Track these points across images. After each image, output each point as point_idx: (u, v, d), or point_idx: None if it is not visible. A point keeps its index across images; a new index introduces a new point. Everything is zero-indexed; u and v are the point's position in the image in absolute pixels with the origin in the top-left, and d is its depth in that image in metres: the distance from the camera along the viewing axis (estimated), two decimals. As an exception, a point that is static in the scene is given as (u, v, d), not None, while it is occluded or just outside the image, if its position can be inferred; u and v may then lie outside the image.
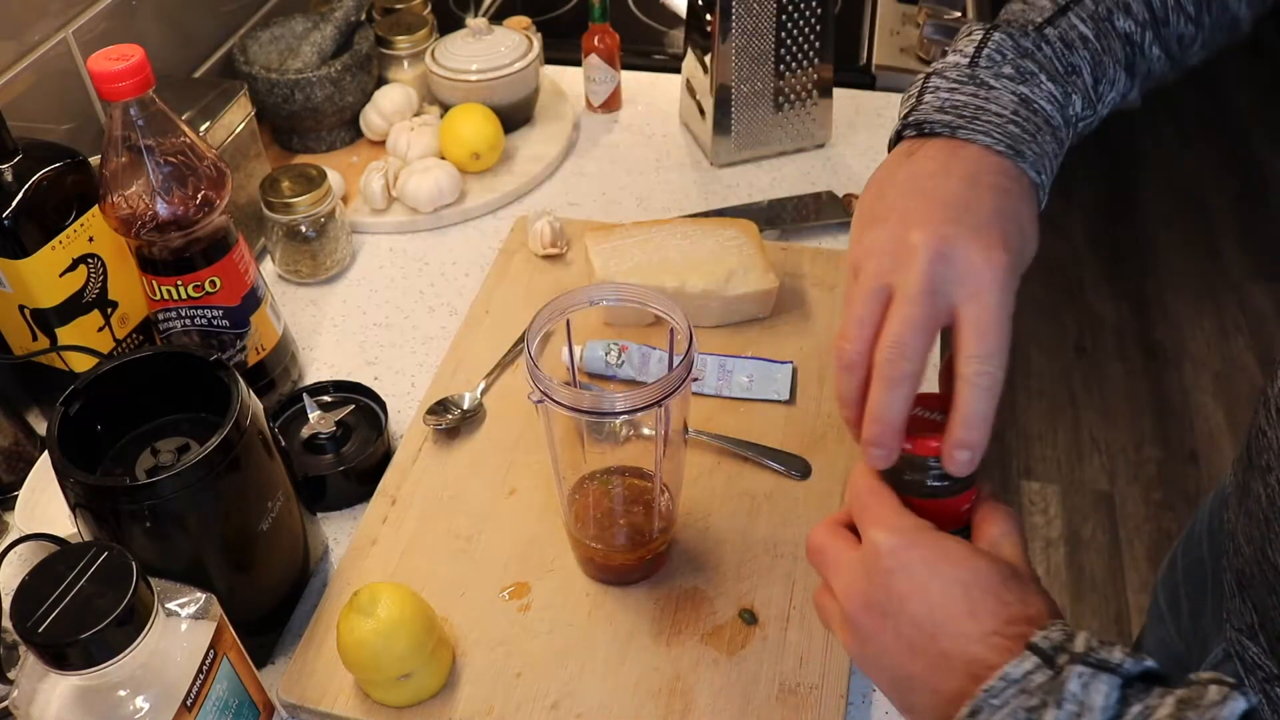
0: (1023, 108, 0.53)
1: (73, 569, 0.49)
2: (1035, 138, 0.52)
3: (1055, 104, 0.54)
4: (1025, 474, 2.07)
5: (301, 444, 0.78)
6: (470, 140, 1.05)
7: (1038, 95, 0.53)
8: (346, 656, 0.61)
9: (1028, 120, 0.52)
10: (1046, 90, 0.54)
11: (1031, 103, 0.53)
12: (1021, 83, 0.53)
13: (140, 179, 0.69)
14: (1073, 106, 0.55)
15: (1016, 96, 0.53)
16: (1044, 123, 0.53)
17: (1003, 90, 0.53)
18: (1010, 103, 0.53)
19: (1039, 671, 0.40)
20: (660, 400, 0.56)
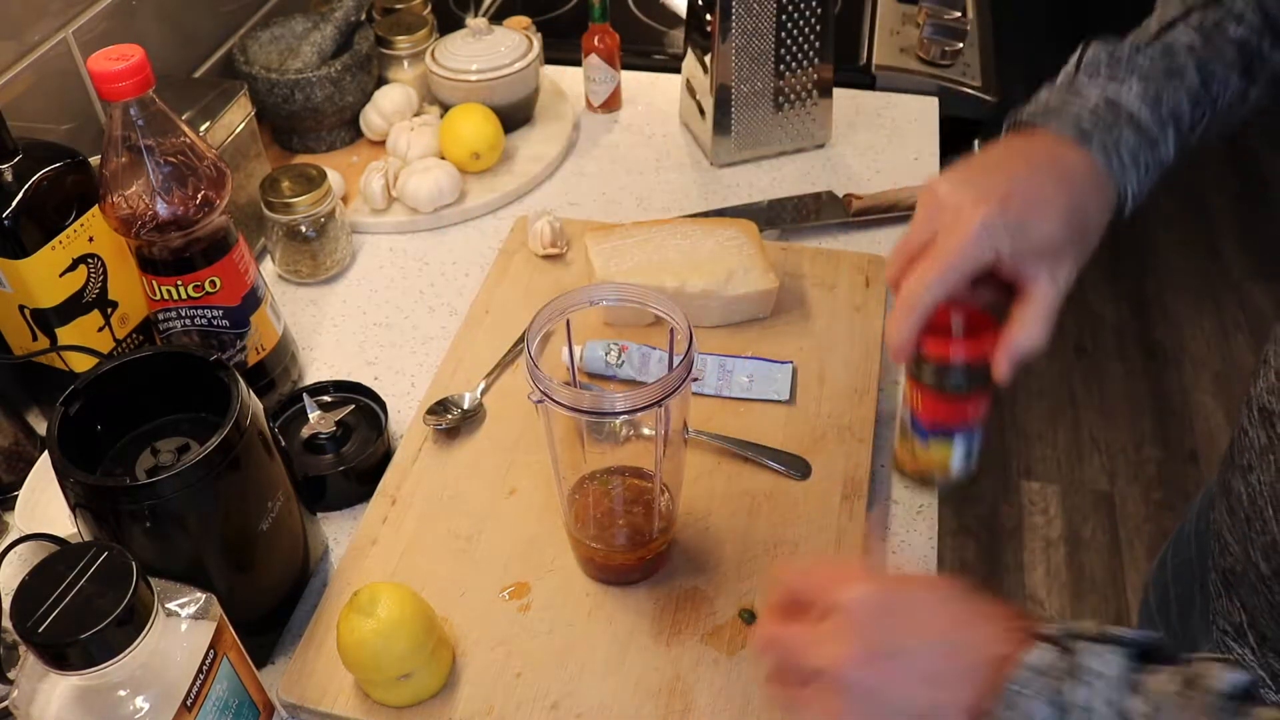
0: (1104, 105, 0.59)
1: (73, 569, 0.49)
2: (1110, 129, 0.58)
3: (1145, 102, 0.59)
4: (1025, 474, 2.07)
5: (301, 444, 0.78)
6: (470, 140, 1.05)
7: (1125, 95, 0.59)
8: (346, 656, 0.61)
9: (1106, 114, 0.58)
10: (1136, 90, 0.59)
11: (1115, 102, 0.59)
12: (1110, 83, 0.60)
13: (140, 179, 0.69)
14: (1169, 104, 0.59)
15: (1102, 97, 0.59)
16: (1127, 118, 0.58)
17: (1091, 92, 0.59)
18: (1093, 100, 0.59)
19: (1056, 656, 0.42)
20: (660, 400, 0.56)
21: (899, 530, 0.74)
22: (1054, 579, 1.88)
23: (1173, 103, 0.60)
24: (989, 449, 2.12)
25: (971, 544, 1.95)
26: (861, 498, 0.74)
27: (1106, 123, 0.58)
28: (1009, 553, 1.93)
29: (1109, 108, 0.59)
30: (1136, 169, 0.58)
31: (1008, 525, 1.98)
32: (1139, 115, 0.59)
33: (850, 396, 0.81)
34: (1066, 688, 0.41)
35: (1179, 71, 0.60)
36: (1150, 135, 0.59)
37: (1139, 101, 0.59)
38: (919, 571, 0.49)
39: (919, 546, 0.73)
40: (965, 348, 0.57)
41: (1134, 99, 0.59)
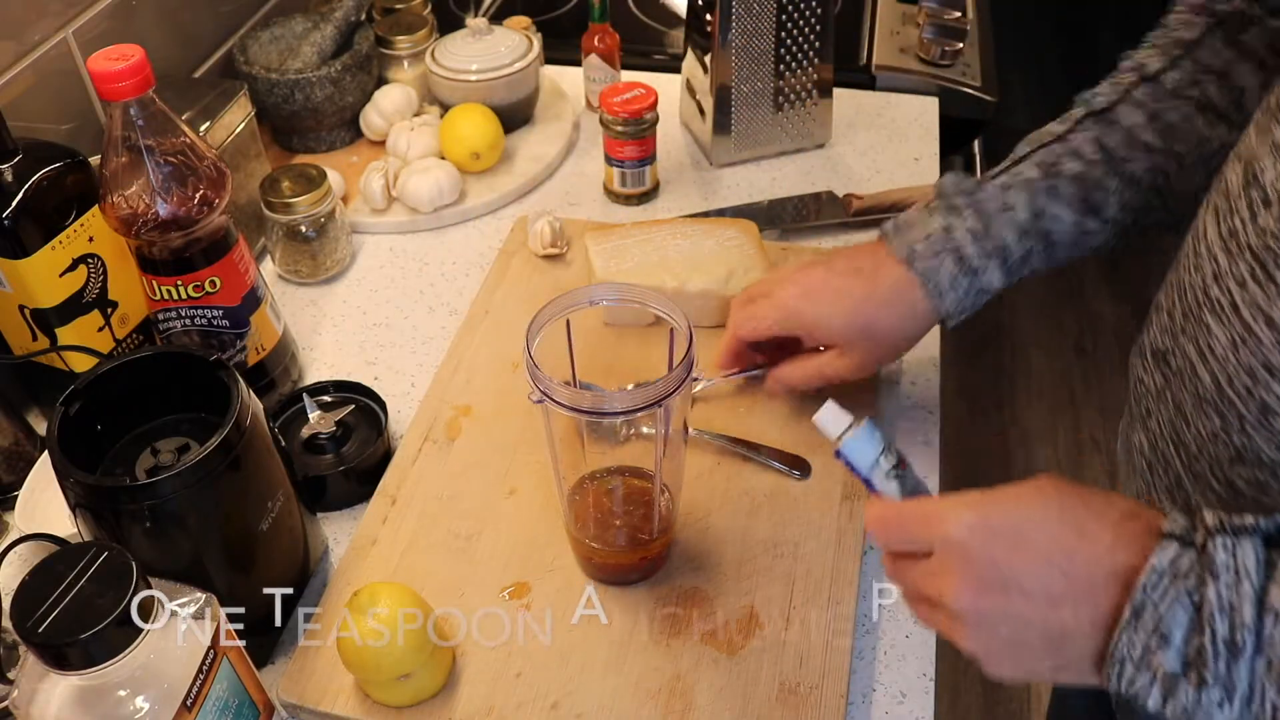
0: (939, 234, 0.70)
1: (73, 569, 0.49)
2: (935, 257, 0.69)
3: (973, 235, 0.69)
4: (1025, 474, 2.06)
5: (301, 444, 0.78)
6: (470, 140, 1.05)
7: (957, 227, 0.70)
8: (346, 656, 0.61)
9: (936, 242, 0.70)
10: (969, 224, 0.69)
11: (949, 233, 0.70)
12: (950, 215, 0.70)
13: (140, 179, 0.69)
14: (995, 239, 0.69)
15: (940, 225, 0.70)
16: (951, 249, 0.69)
17: (934, 220, 0.71)
18: (932, 228, 0.70)
19: (1183, 555, 0.41)
20: (660, 400, 0.56)
21: (899, 530, 0.74)
22: (1054, 579, 1.88)
23: (999, 238, 0.69)
24: (989, 449, 2.13)
25: (971, 544, 1.94)
26: (861, 498, 0.74)
27: (934, 250, 0.69)
28: (1009, 553, 1.93)
29: (942, 236, 0.69)
30: (955, 292, 0.69)
31: (1008, 525, 1.98)
32: (964, 247, 0.69)
33: (850, 396, 0.81)
34: (1203, 587, 0.40)
35: (1010, 207, 0.69)
36: (970, 265, 0.69)
37: (967, 235, 0.69)
38: (1012, 485, 0.48)
39: (919, 546, 0.73)
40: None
41: (963, 233, 0.69)
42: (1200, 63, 0.66)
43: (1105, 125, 0.69)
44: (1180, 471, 0.57)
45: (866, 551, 0.72)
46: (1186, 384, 0.55)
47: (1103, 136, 0.69)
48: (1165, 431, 0.58)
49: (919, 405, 0.83)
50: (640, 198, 1.05)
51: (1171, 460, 0.58)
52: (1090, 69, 0.78)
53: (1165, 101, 0.67)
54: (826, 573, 0.69)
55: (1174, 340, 0.56)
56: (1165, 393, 0.58)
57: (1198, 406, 0.54)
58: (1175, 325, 0.56)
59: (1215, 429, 0.53)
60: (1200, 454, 0.55)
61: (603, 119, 1.01)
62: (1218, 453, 0.53)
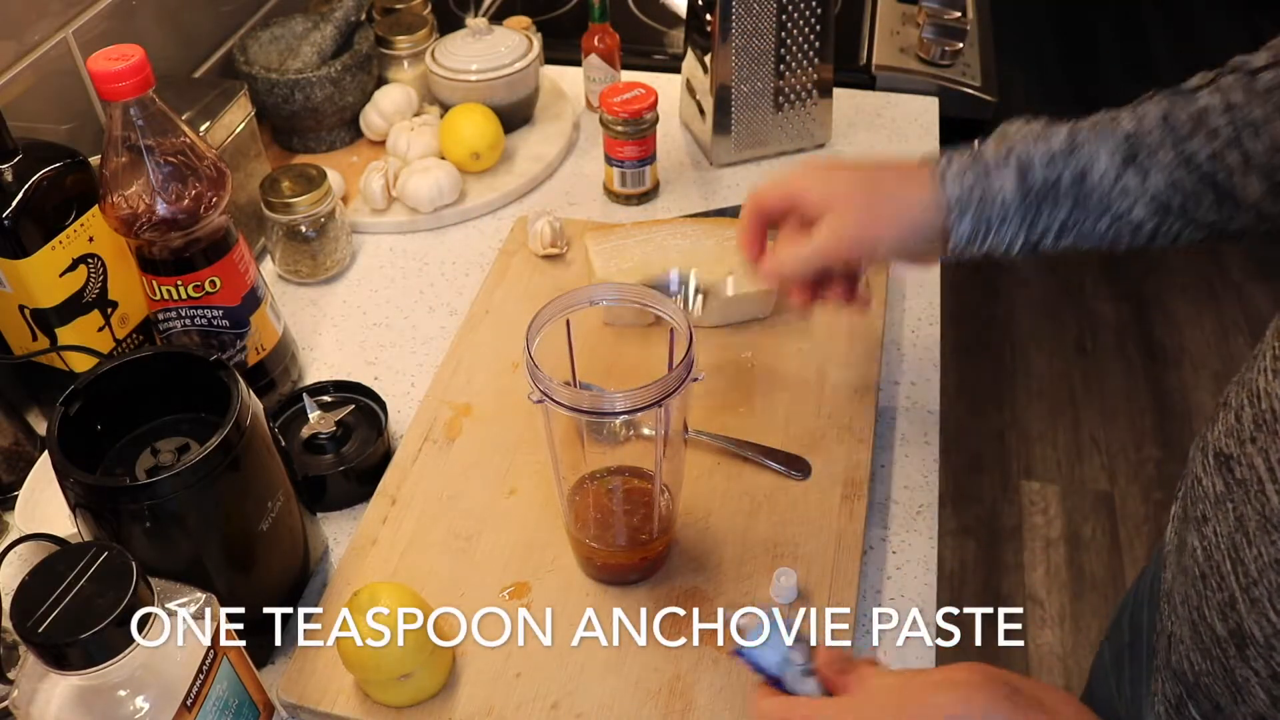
0: (966, 145, 0.66)
1: (73, 569, 0.49)
2: (952, 153, 0.65)
3: (993, 145, 0.65)
4: (1025, 474, 2.07)
5: (301, 444, 0.78)
6: (470, 140, 1.05)
7: (984, 142, 0.65)
8: (346, 656, 0.61)
9: (960, 150, 0.65)
10: (994, 141, 0.65)
11: (977, 144, 0.66)
12: (983, 141, 0.66)
13: (140, 179, 0.69)
14: (1022, 153, 0.64)
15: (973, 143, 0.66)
16: (970, 149, 0.65)
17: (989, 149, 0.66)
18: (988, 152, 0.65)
19: None
20: (660, 400, 0.56)
21: (899, 530, 0.74)
22: (1054, 579, 1.89)
23: (1024, 153, 0.63)
24: (989, 449, 2.13)
25: (971, 544, 1.95)
26: (861, 498, 0.74)
27: (952, 152, 0.65)
28: (1009, 553, 1.93)
29: (965, 146, 0.66)
30: (960, 183, 0.64)
31: (1008, 525, 1.98)
32: (983, 149, 0.65)
33: (850, 396, 0.81)
34: None
35: (1046, 136, 0.64)
36: (983, 161, 0.64)
37: (990, 144, 0.65)
38: (957, 673, 0.46)
39: (919, 546, 0.73)
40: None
41: (988, 143, 0.65)
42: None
43: (1178, 98, 0.63)
44: (1236, 592, 0.52)
45: (866, 551, 0.72)
46: (1252, 499, 0.50)
47: (1172, 108, 0.63)
48: (1223, 544, 0.53)
49: (919, 405, 0.83)
50: (640, 198, 1.05)
51: (1227, 577, 0.53)
52: (1090, 69, 0.78)
53: (1251, 96, 0.61)
54: (826, 573, 0.69)
55: (1241, 448, 0.51)
56: (1226, 502, 0.53)
57: (1262, 527, 0.49)
58: (1244, 431, 0.51)
59: (1279, 556, 0.48)
60: (1260, 579, 0.50)
61: (603, 119, 1.01)
62: (1277, 583, 0.49)
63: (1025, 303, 2.44)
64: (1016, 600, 1.86)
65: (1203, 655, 0.56)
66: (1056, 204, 0.63)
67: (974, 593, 1.87)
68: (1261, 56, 0.62)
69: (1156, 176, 0.62)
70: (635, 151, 1.02)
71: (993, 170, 0.63)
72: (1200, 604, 0.56)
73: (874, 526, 0.74)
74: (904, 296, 0.93)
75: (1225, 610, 0.53)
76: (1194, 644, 0.57)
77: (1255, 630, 0.51)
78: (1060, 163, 0.62)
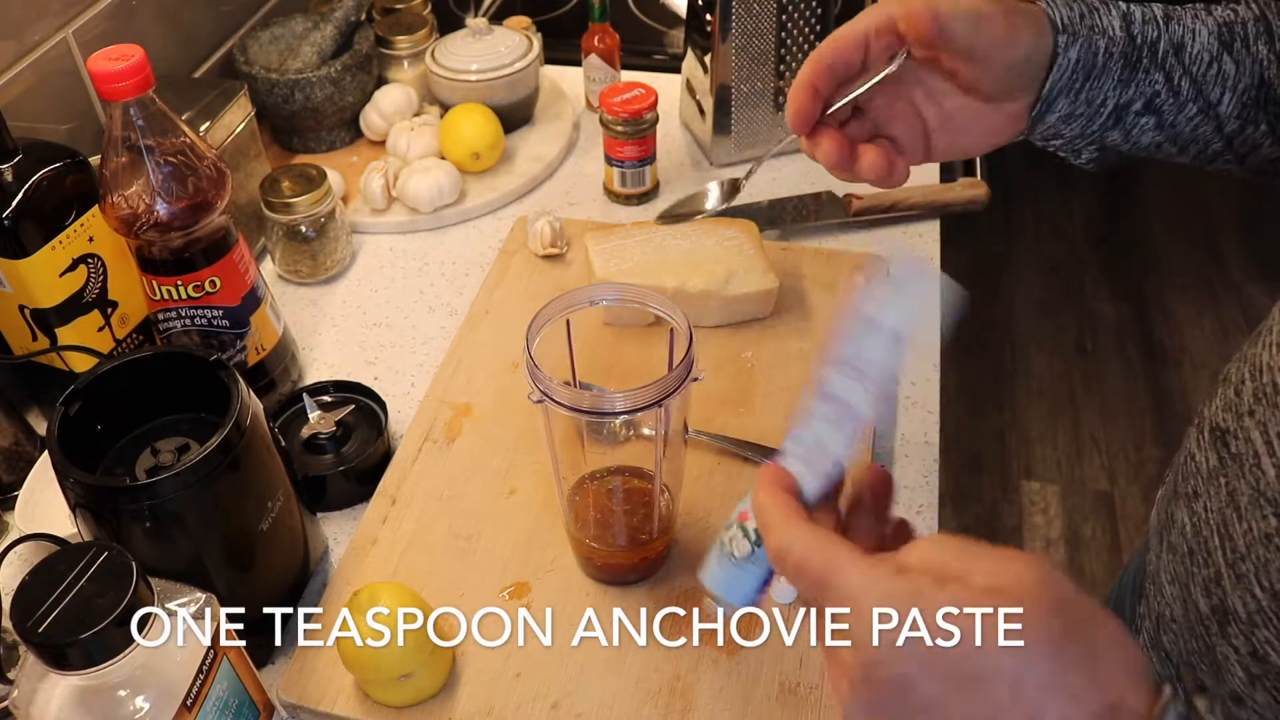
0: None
1: (73, 569, 0.49)
2: (1079, 4, 0.57)
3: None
4: (1025, 474, 2.07)
5: (301, 444, 0.78)
6: (470, 140, 1.05)
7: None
8: (346, 656, 0.61)
9: (1082, 2, 0.57)
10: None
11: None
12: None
13: (140, 179, 0.69)
14: (1120, 4, 0.58)
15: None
16: (1089, 8, 0.57)
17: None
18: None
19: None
20: (660, 400, 0.56)
21: (899, 530, 0.74)
22: (1054, 579, 1.88)
23: (1123, 5, 0.58)
24: (989, 449, 2.13)
25: (971, 544, 1.94)
26: (861, 498, 0.74)
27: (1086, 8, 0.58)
28: (1009, 553, 1.93)
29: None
30: (1069, 7, 0.57)
31: (1008, 525, 1.98)
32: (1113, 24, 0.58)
33: (850, 396, 0.81)
34: None
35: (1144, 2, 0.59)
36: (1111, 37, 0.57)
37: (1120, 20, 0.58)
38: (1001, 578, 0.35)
39: (919, 546, 0.73)
40: None
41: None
42: None
43: (1274, 3, 0.59)
44: (1222, 568, 0.51)
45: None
46: (1246, 473, 0.49)
47: (1267, 9, 0.59)
48: (1213, 519, 0.52)
49: (919, 405, 0.83)
50: (640, 198, 1.05)
51: (1214, 553, 0.52)
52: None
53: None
54: (826, 573, 0.69)
55: (1238, 421, 0.50)
56: (1219, 477, 0.52)
57: (1254, 501, 0.48)
58: (1243, 405, 0.50)
59: (1270, 530, 0.47)
60: (1248, 554, 0.49)
61: (603, 119, 1.01)
62: (1268, 557, 0.47)
63: (1025, 303, 2.44)
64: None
65: (1187, 633, 0.56)
66: (1153, 68, 0.58)
67: (974, 593, 1.87)
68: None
69: (1251, 69, 0.58)
70: (635, 151, 1.02)
71: (1099, 8, 0.57)
72: (1186, 580, 0.55)
73: (874, 526, 0.74)
74: (904, 296, 0.93)
75: (1210, 586, 0.52)
76: (1181, 623, 0.56)
77: (1239, 606, 0.50)
78: (1159, 26, 0.58)
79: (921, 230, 1.00)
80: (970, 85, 0.57)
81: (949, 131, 0.60)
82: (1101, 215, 2.69)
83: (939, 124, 0.60)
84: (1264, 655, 0.48)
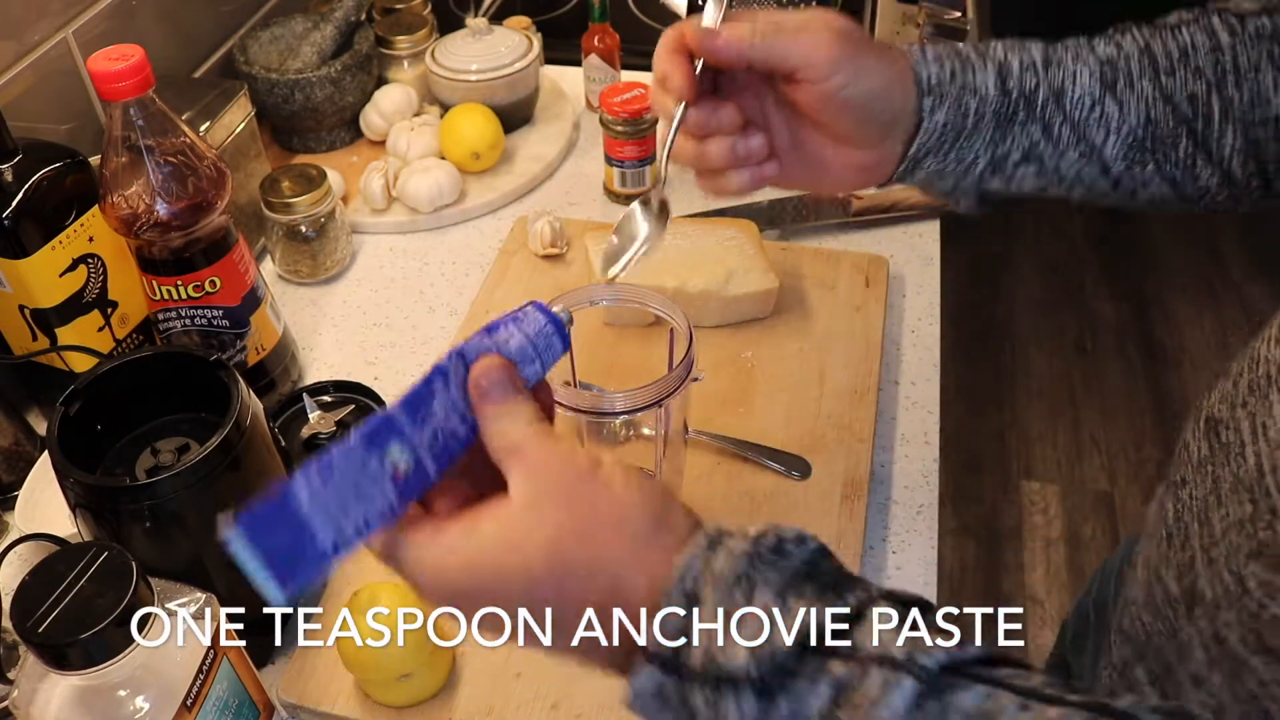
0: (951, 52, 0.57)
1: (73, 569, 0.49)
2: (951, 63, 0.56)
3: (974, 47, 0.57)
4: (1025, 474, 2.07)
5: (301, 444, 0.78)
6: (470, 140, 1.05)
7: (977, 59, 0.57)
8: (346, 656, 0.61)
9: (955, 59, 0.56)
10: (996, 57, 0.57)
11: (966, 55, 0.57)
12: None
13: (140, 179, 0.69)
14: (997, 56, 0.56)
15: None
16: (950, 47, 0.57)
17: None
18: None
19: (667, 681, 0.38)
20: (660, 400, 0.56)
21: (899, 530, 0.74)
22: (1054, 579, 1.88)
23: (999, 56, 0.57)
24: (989, 449, 2.13)
25: (971, 544, 1.95)
26: (861, 498, 0.74)
27: (955, 63, 0.56)
28: (1009, 553, 1.93)
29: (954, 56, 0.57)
30: (936, 65, 0.56)
31: (1008, 525, 1.98)
32: (962, 47, 0.57)
33: (850, 396, 0.81)
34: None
35: (1024, 49, 0.57)
36: (962, 55, 0.56)
37: (969, 45, 0.57)
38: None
39: (919, 546, 0.73)
40: None
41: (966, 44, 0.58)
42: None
43: (1159, 31, 0.58)
44: (1196, 552, 0.52)
45: (866, 551, 0.72)
46: (1231, 461, 0.49)
47: (1152, 41, 0.57)
48: (1195, 505, 0.53)
49: (919, 405, 0.83)
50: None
51: (1192, 538, 0.53)
52: (1090, 69, 0.77)
53: (1238, 40, 0.56)
54: (826, 573, 0.69)
55: (1231, 411, 0.50)
56: (1207, 465, 0.52)
57: (1234, 488, 0.49)
58: (1238, 396, 0.50)
59: (1244, 516, 0.48)
60: (1222, 539, 0.49)
61: (603, 119, 1.01)
62: (1239, 542, 0.48)
63: (1025, 303, 2.44)
64: (1016, 600, 1.86)
65: (1154, 615, 0.56)
66: (1030, 121, 0.56)
67: (974, 593, 1.87)
68: (1249, 3, 0.58)
69: (1136, 108, 0.57)
70: (635, 151, 1.02)
71: (973, 64, 0.56)
72: (1160, 564, 0.56)
73: (874, 526, 0.74)
74: (904, 296, 0.93)
75: (1183, 570, 0.53)
76: (1147, 605, 0.56)
77: (1207, 589, 0.50)
78: (1037, 74, 0.56)
79: (921, 230, 1.00)
80: (809, 111, 0.55)
81: (799, 161, 0.58)
82: (1101, 215, 2.69)
83: (789, 150, 0.58)
84: (1224, 638, 0.49)
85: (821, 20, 0.54)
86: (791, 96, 0.55)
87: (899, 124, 0.55)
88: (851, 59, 0.53)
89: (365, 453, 0.39)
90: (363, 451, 0.39)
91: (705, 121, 0.56)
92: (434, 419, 0.41)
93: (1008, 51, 0.57)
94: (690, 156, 0.58)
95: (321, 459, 0.38)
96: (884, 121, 0.55)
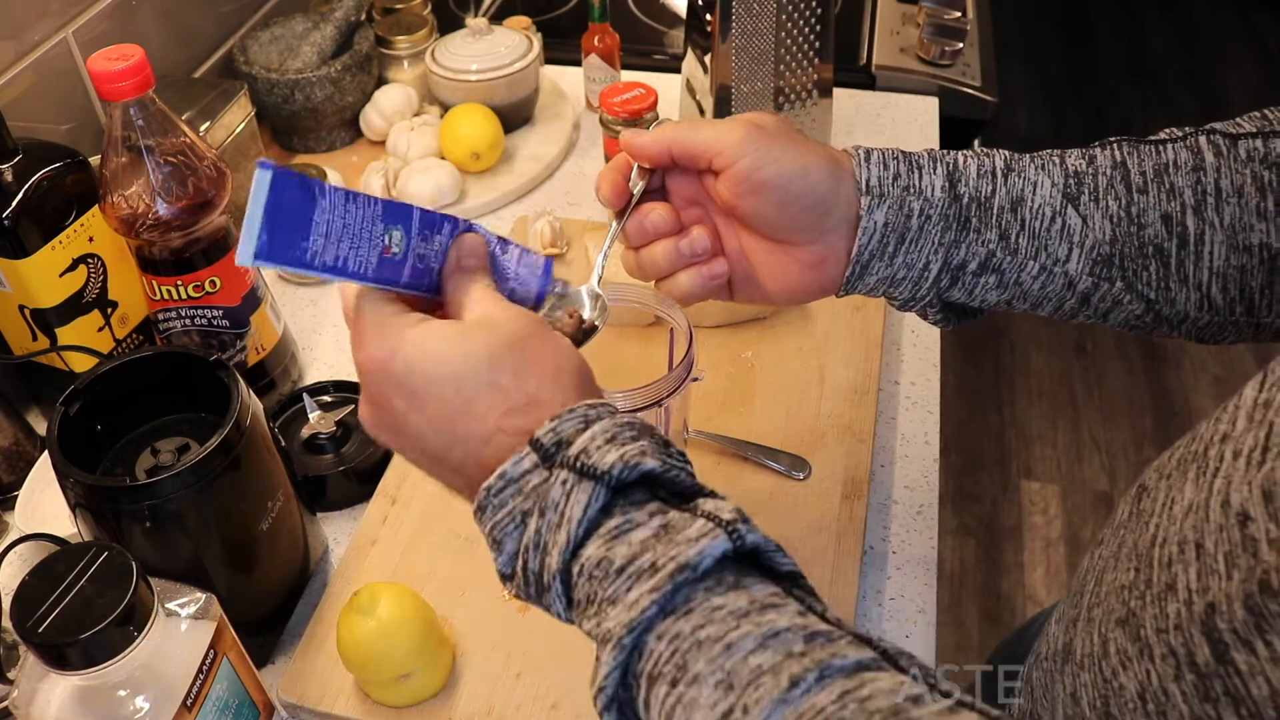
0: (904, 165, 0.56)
1: (73, 569, 0.49)
2: (896, 165, 0.54)
3: (928, 153, 0.56)
4: (1025, 474, 2.07)
5: (301, 444, 0.78)
6: (470, 140, 1.05)
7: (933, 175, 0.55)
8: (346, 656, 0.61)
9: (901, 161, 0.55)
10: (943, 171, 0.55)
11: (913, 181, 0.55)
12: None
13: (140, 179, 0.69)
14: (949, 160, 0.55)
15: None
16: (910, 167, 0.55)
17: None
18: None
19: (536, 471, 0.41)
20: (660, 400, 0.56)
21: (899, 530, 0.74)
22: (1054, 579, 1.89)
23: (953, 161, 0.55)
24: (989, 449, 2.13)
25: (971, 544, 1.95)
26: (861, 498, 0.74)
27: (901, 173, 0.55)
28: (1009, 553, 1.94)
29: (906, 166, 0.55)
30: (879, 167, 0.54)
31: (1008, 525, 1.98)
32: (912, 151, 0.56)
33: (850, 396, 0.81)
34: (529, 516, 0.40)
35: (985, 155, 0.56)
36: (912, 158, 0.55)
37: (924, 151, 0.56)
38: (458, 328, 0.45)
39: (919, 546, 0.73)
40: None
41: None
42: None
43: (1140, 146, 0.56)
44: (1083, 610, 0.51)
45: (866, 551, 0.72)
46: (1136, 529, 0.48)
47: (1129, 156, 0.55)
48: (1098, 565, 0.52)
49: (919, 405, 0.83)
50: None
51: (1085, 595, 0.51)
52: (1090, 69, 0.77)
53: (1226, 161, 0.54)
54: (826, 573, 0.69)
55: (1157, 481, 0.49)
56: (1121, 530, 0.51)
57: (1129, 555, 0.47)
58: (1168, 467, 0.48)
59: (1126, 583, 0.46)
60: (1104, 600, 0.48)
61: (603, 119, 1.01)
62: (1113, 607, 0.47)
63: (1025, 303, 2.44)
64: (1016, 600, 1.86)
65: (1040, 670, 0.55)
66: (984, 227, 0.54)
67: (974, 593, 1.87)
68: (1245, 123, 0.56)
69: (1100, 224, 0.54)
70: None
71: (922, 167, 0.54)
72: (1058, 616, 0.55)
73: (874, 526, 0.74)
74: (904, 296, 0.93)
75: (1069, 626, 0.52)
76: (1043, 654, 0.55)
77: (1078, 647, 0.50)
78: (995, 180, 0.54)
79: (921, 230, 1.00)
80: (732, 200, 0.54)
81: (748, 268, 0.56)
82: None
83: (737, 256, 0.57)
84: (1079, 698, 0.48)
85: (743, 116, 0.55)
86: (715, 191, 0.55)
87: (830, 214, 0.53)
88: (759, 141, 0.53)
89: (379, 215, 0.44)
90: (379, 213, 0.44)
91: (640, 225, 0.58)
92: (429, 243, 0.47)
93: (968, 157, 0.55)
94: (630, 265, 0.59)
95: (353, 193, 0.43)
96: (808, 205, 0.53)
